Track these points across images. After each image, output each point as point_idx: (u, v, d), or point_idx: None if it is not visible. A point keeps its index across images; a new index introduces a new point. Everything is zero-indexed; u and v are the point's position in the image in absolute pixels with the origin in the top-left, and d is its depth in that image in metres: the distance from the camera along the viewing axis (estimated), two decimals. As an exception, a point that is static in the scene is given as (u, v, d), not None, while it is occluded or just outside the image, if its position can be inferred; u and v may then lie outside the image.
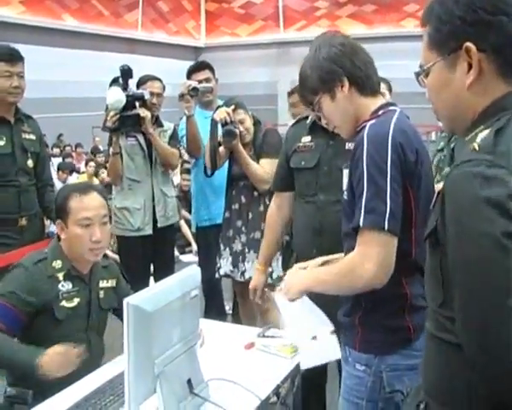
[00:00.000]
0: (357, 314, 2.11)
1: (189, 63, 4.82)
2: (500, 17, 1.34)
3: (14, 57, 3.74)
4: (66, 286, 2.68)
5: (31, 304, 2.56)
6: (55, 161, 11.43)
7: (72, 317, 2.67)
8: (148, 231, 4.44)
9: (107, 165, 4.62)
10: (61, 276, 2.68)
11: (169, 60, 18.56)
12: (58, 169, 10.08)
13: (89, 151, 13.36)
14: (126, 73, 4.20)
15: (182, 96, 4.29)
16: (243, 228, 4.10)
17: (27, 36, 13.62)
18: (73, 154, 13.70)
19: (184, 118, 4.43)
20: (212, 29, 21.67)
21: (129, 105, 4.19)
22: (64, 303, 2.66)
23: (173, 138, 4.62)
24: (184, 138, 4.51)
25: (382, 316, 2.06)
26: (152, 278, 4.56)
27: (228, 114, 3.98)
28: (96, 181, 10.15)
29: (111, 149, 4.33)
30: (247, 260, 4.06)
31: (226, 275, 4.19)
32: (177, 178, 9.67)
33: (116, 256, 5.29)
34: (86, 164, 10.44)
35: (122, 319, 2.91)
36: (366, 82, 2.13)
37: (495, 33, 1.34)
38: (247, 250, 4.07)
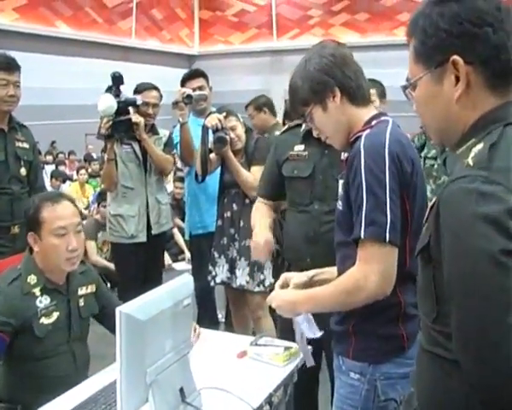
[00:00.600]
0: (350, 323, 2.11)
1: (182, 71, 4.85)
2: (486, 29, 1.33)
3: (12, 66, 3.76)
4: (43, 301, 2.62)
5: (10, 325, 2.50)
6: (48, 169, 11.42)
7: (52, 332, 2.62)
8: (143, 238, 4.46)
9: (101, 172, 4.63)
10: (37, 291, 2.62)
11: (163, 68, 18.56)
12: (51, 177, 10.06)
13: (82, 158, 13.35)
14: (117, 79, 4.23)
15: (176, 103, 4.31)
16: (236, 235, 4.10)
17: (21, 43, 13.60)
18: (66, 161, 13.68)
19: (178, 125, 4.43)
20: (205, 37, 21.69)
21: (122, 111, 4.21)
22: (43, 320, 2.60)
23: (168, 145, 4.66)
24: (178, 145, 4.52)
25: (377, 325, 2.07)
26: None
27: (219, 120, 4.00)
28: (88, 188, 10.14)
29: (105, 156, 4.33)
30: (238, 268, 4.07)
31: (223, 282, 4.19)
32: (170, 185, 9.66)
33: (111, 264, 5.29)
34: (78, 172, 10.41)
35: (104, 324, 2.96)
36: (357, 92, 2.13)
37: (482, 45, 1.33)
38: (238, 258, 4.07)
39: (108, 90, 4.28)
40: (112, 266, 5.44)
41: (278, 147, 3.07)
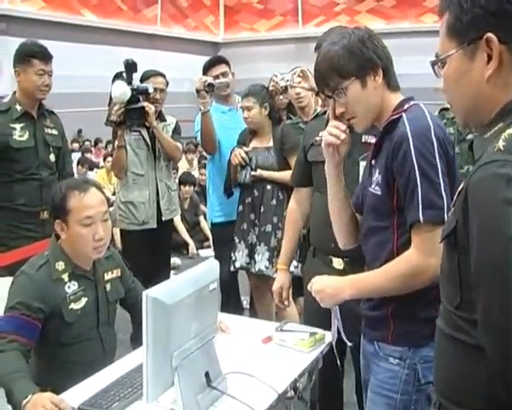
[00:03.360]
0: (388, 307, 2.11)
1: (207, 59, 4.83)
2: None
3: (48, 56, 3.89)
4: (72, 287, 2.64)
5: (41, 310, 2.53)
6: (75, 157, 11.49)
7: (81, 317, 2.65)
8: (153, 224, 4.49)
9: (111, 158, 4.67)
10: (65, 277, 2.64)
11: (188, 55, 18.56)
12: (78, 163, 10.13)
13: (104, 145, 13.41)
14: (131, 66, 4.25)
15: (198, 92, 4.30)
16: (256, 221, 4.13)
17: (47, 31, 13.67)
18: (93, 149, 13.76)
19: (199, 114, 4.44)
20: (230, 24, 21.64)
21: (133, 99, 4.23)
22: (72, 305, 2.62)
23: (176, 132, 4.69)
24: (199, 134, 4.53)
25: (416, 308, 2.06)
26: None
27: (242, 157, 4.10)
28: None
29: (116, 143, 4.37)
30: (257, 253, 4.09)
31: (242, 267, 4.22)
32: (195, 172, 9.70)
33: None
34: (105, 159, 10.47)
35: (128, 310, 2.99)
36: (393, 77, 2.13)
37: None
38: (258, 243, 4.09)
39: (117, 77, 4.30)
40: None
41: (306, 134, 3.09)
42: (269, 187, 4.08)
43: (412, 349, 2.08)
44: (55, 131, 4.03)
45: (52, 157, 3.97)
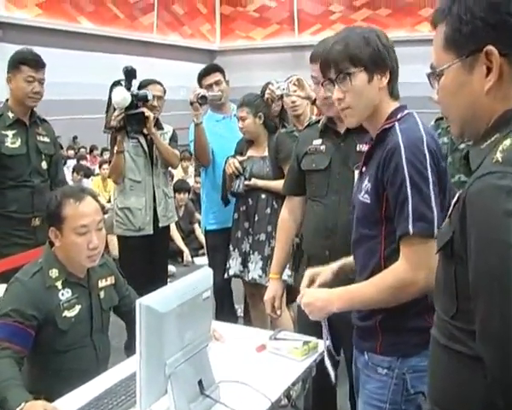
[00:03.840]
0: (377, 318, 2.10)
1: (203, 66, 4.85)
2: None
3: (39, 64, 3.88)
4: (65, 294, 2.64)
5: (34, 318, 2.52)
6: (70, 164, 11.49)
7: (75, 325, 2.64)
8: (149, 230, 4.50)
9: (110, 165, 4.68)
10: (59, 284, 2.63)
11: (184, 63, 18.60)
12: (73, 171, 10.13)
13: (100, 152, 13.40)
14: (130, 73, 4.28)
15: (191, 103, 4.32)
16: (250, 230, 4.14)
17: (43, 38, 13.70)
18: (88, 156, 13.76)
19: (193, 124, 4.46)
20: (226, 32, 21.71)
21: (133, 105, 4.25)
22: (66, 313, 2.62)
23: (173, 140, 4.70)
24: (192, 144, 4.56)
25: (405, 318, 2.06)
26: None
27: (236, 167, 4.12)
28: (110, 183, 10.18)
29: (115, 149, 4.38)
30: (250, 262, 4.11)
31: (235, 275, 4.23)
32: (191, 180, 9.70)
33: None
34: (100, 166, 10.47)
35: (122, 317, 2.99)
36: (396, 86, 2.14)
37: None
38: (251, 252, 4.11)
39: (116, 84, 4.33)
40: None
41: (299, 142, 3.09)
42: (263, 196, 4.09)
43: (400, 359, 2.07)
44: (47, 139, 4.05)
45: (44, 164, 3.99)
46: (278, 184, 3.92)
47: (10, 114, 3.87)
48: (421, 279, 1.93)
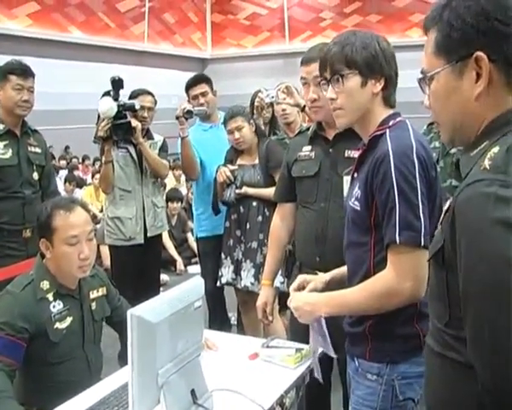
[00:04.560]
0: (366, 324, 2.11)
1: (194, 74, 4.87)
2: None
3: (27, 72, 3.90)
4: (57, 306, 2.63)
5: (26, 330, 2.51)
6: (62, 174, 11.47)
7: (67, 336, 2.64)
8: (140, 240, 4.51)
9: (99, 174, 4.69)
10: (50, 296, 2.63)
11: (175, 71, 18.61)
12: (65, 181, 10.10)
13: (92, 163, 13.37)
14: (117, 83, 4.28)
15: (177, 118, 4.36)
16: (242, 237, 4.15)
17: (34, 48, 13.69)
18: (80, 166, 13.73)
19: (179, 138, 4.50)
20: (217, 40, 21.73)
21: (120, 115, 4.25)
22: (57, 325, 2.61)
23: (163, 150, 4.72)
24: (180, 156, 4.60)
25: (394, 325, 2.06)
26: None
27: (227, 176, 4.14)
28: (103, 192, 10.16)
29: (103, 158, 4.39)
30: (243, 270, 4.11)
31: (228, 283, 4.24)
32: (183, 189, 9.69)
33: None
34: (93, 176, 10.45)
35: (115, 328, 2.98)
36: (393, 95, 2.15)
37: (508, 44, 1.31)
38: (243, 260, 4.11)
39: (106, 94, 4.33)
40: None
41: (290, 150, 3.10)
42: (254, 204, 4.10)
43: (389, 366, 2.08)
44: (38, 150, 4.05)
45: (35, 175, 3.99)
46: (269, 192, 3.93)
47: (1, 126, 3.87)
48: (406, 289, 1.94)
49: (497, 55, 1.31)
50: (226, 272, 4.19)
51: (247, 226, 4.11)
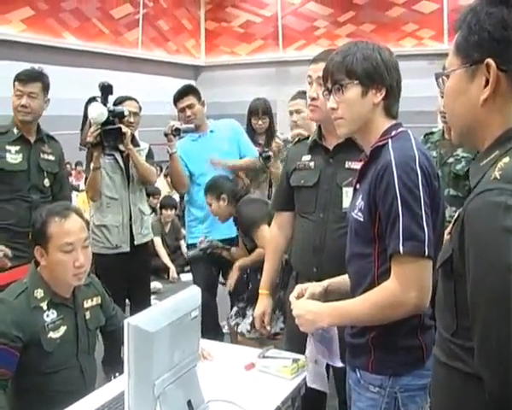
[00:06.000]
0: (369, 335, 2.09)
1: (188, 82, 4.88)
2: None
3: (28, 77, 3.98)
4: (51, 316, 2.60)
5: (19, 339, 2.48)
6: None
7: (60, 346, 2.61)
8: (126, 248, 4.47)
9: (86, 181, 4.67)
10: (44, 305, 2.60)
11: (169, 78, 18.59)
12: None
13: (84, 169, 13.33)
14: (106, 89, 4.27)
15: (166, 135, 4.42)
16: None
17: (28, 54, 13.63)
18: (73, 172, 13.70)
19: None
20: (211, 48, 21.72)
21: (109, 121, 4.24)
22: (51, 334, 2.58)
23: (149, 157, 4.71)
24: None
25: (397, 337, 2.05)
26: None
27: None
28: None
29: (91, 165, 4.37)
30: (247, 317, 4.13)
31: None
32: (177, 196, 9.66)
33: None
34: (85, 182, 10.42)
35: (107, 337, 2.95)
36: (395, 106, 2.14)
37: None
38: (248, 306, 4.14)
39: (91, 101, 4.32)
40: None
41: (288, 159, 3.10)
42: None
43: (392, 378, 2.07)
44: (51, 157, 4.14)
45: (46, 182, 4.08)
46: (259, 254, 3.91)
47: (15, 130, 3.99)
48: (410, 299, 1.92)
49: (508, 65, 1.33)
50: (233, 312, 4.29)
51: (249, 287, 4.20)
